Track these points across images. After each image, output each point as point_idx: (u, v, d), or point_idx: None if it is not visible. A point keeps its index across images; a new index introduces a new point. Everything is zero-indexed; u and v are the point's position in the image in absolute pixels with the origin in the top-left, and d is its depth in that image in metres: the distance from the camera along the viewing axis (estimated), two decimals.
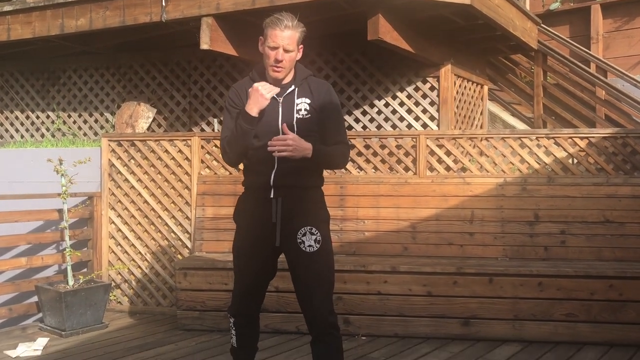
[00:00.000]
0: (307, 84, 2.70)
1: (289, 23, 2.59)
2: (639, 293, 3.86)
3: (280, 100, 2.66)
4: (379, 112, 5.64)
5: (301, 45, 2.67)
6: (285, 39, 2.58)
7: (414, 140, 4.75)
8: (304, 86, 2.69)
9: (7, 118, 7.03)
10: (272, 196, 2.62)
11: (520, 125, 6.46)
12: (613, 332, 3.88)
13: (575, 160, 4.67)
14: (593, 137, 4.60)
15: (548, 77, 6.75)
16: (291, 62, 2.64)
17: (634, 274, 3.90)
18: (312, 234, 2.62)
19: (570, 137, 4.62)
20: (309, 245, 2.61)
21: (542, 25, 6.43)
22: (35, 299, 4.63)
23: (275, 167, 2.62)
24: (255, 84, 2.61)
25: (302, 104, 2.65)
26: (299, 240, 2.62)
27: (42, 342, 4.13)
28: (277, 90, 2.63)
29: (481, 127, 6.23)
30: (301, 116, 2.64)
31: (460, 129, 5.62)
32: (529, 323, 3.97)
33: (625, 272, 3.92)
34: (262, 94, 2.57)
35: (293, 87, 2.68)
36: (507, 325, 3.99)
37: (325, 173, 2.82)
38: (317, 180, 2.75)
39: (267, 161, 2.62)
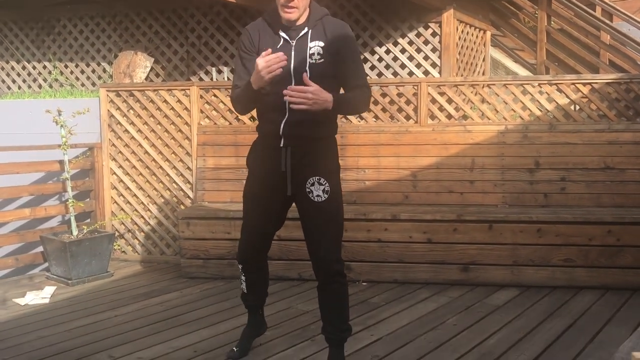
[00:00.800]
0: (321, 25, 2.56)
1: None
2: (637, 238, 3.91)
3: (293, 44, 2.54)
4: (380, 60, 5.56)
5: None
6: None
7: (415, 88, 4.70)
8: (318, 28, 2.55)
9: (2, 68, 6.94)
10: (281, 145, 2.58)
11: (522, 72, 6.38)
12: (609, 276, 3.95)
13: (578, 107, 4.64)
14: (596, 83, 4.55)
15: (552, 22, 6.62)
16: (304, 0, 2.50)
17: (632, 220, 3.93)
18: (320, 184, 2.59)
19: (573, 83, 4.56)
20: (317, 195, 2.59)
21: None
22: (40, 249, 4.70)
23: (286, 116, 2.54)
24: (258, 60, 2.40)
25: (315, 48, 2.52)
26: (307, 190, 2.60)
27: (49, 290, 4.22)
28: (282, 64, 2.39)
29: (483, 74, 6.16)
30: (314, 61, 2.52)
31: (462, 75, 5.55)
32: (527, 268, 4.03)
33: (623, 217, 3.96)
34: (258, 70, 2.39)
35: (306, 29, 2.55)
36: (506, 270, 4.05)
37: None
38: (329, 130, 2.66)
39: (277, 109, 2.55)
